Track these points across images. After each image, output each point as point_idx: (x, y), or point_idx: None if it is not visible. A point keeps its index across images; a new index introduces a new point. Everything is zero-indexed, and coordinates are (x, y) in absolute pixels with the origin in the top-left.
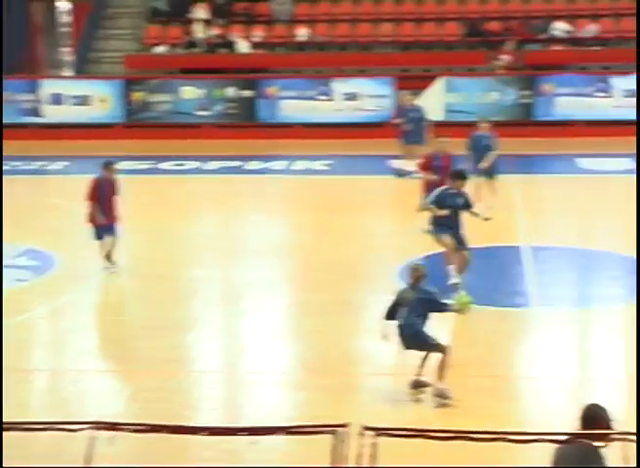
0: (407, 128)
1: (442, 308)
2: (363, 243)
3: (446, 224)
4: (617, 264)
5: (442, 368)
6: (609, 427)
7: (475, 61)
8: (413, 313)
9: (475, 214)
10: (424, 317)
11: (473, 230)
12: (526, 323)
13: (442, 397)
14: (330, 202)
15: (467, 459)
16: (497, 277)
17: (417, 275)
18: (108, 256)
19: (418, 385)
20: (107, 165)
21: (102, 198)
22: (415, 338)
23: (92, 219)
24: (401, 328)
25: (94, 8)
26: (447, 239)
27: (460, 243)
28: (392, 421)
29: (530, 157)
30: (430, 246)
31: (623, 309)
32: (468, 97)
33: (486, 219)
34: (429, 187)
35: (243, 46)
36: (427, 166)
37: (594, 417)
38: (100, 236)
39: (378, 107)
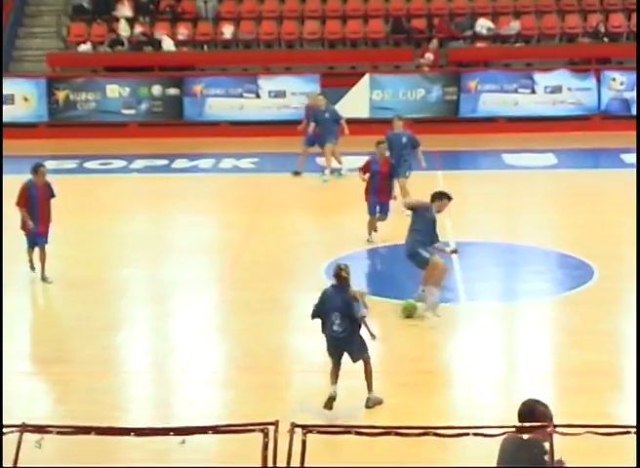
0: (319, 129)
1: (357, 315)
2: (290, 240)
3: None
4: (541, 259)
5: (369, 377)
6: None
7: (400, 59)
8: (345, 317)
9: None
10: (355, 320)
11: (400, 226)
12: (454, 318)
13: (377, 404)
14: (257, 200)
15: (396, 455)
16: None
17: (342, 275)
18: (42, 267)
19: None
20: (36, 169)
21: (33, 203)
22: (348, 343)
23: (23, 226)
24: (335, 332)
25: (16, 5)
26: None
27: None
28: (322, 418)
29: (456, 153)
30: (356, 243)
31: (549, 303)
32: (394, 94)
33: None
34: (371, 191)
35: (168, 44)
36: (366, 169)
37: (534, 412)
38: (32, 243)
39: (304, 104)
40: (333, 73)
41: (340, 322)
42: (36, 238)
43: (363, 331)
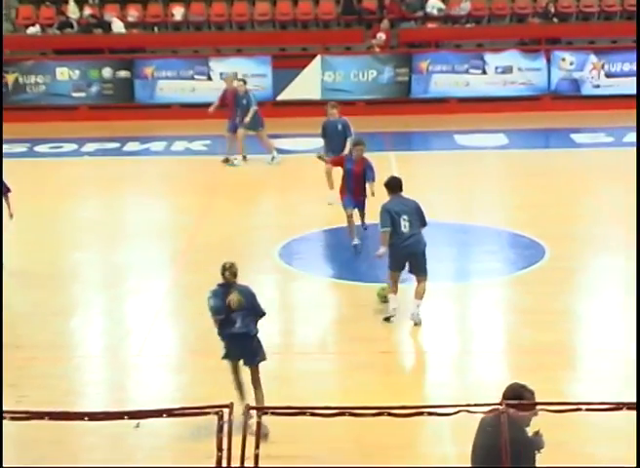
0: (238, 114)
1: (259, 312)
2: (244, 223)
3: None
4: (494, 239)
5: (260, 401)
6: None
7: (352, 40)
8: (246, 317)
9: None
10: (255, 321)
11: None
12: (408, 298)
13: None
14: (210, 183)
15: (352, 435)
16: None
17: (233, 271)
18: None
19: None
20: None
21: None
22: (249, 348)
23: None
24: (234, 335)
25: None
26: None
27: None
28: (277, 400)
29: (408, 134)
30: (310, 225)
31: (501, 283)
32: (345, 75)
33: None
34: (347, 191)
35: (118, 26)
36: (337, 163)
37: (521, 398)
38: None
39: (256, 86)
40: (284, 55)
41: (242, 322)
42: None
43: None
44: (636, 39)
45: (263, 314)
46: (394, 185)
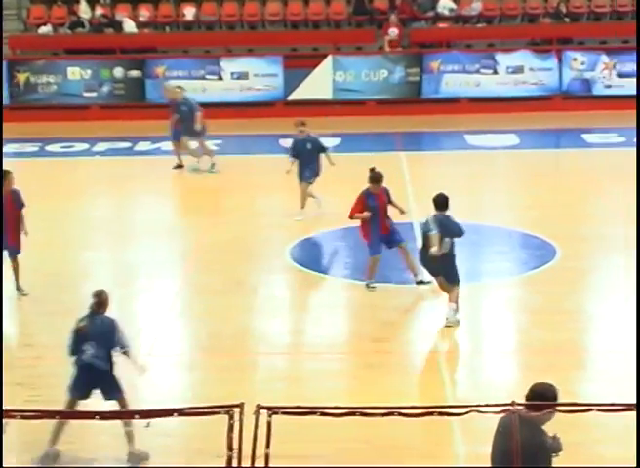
0: (180, 122)
1: (119, 346)
2: (254, 223)
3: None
4: (505, 239)
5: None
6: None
7: (363, 40)
8: (100, 348)
9: None
10: (110, 354)
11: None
12: (419, 299)
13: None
14: (222, 182)
15: (363, 435)
16: (389, 254)
17: (99, 301)
18: (15, 278)
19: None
20: (4, 175)
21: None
22: (101, 379)
23: None
24: (85, 365)
25: None
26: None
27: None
28: (287, 399)
29: (418, 134)
30: (320, 225)
31: (512, 283)
32: (356, 75)
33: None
34: (372, 229)
35: (129, 26)
36: (362, 207)
37: (545, 396)
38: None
39: (267, 86)
40: (295, 55)
41: (96, 352)
42: (6, 248)
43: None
44: (636, 39)
45: (124, 348)
46: (440, 202)
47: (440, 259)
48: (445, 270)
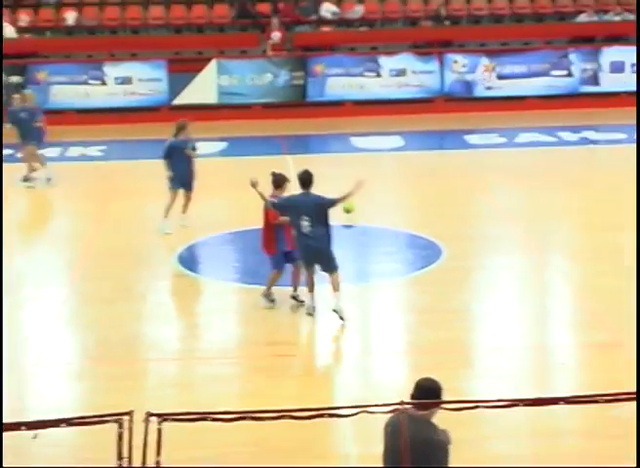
0: (16, 130)
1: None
2: (141, 229)
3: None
4: (391, 240)
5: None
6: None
7: (247, 44)
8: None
9: None
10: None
11: (253, 213)
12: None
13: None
14: (106, 188)
15: (254, 438)
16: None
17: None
18: None
19: None
20: None
21: None
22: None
23: None
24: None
25: None
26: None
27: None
28: (178, 406)
29: (305, 137)
30: (207, 229)
31: (399, 283)
32: (241, 79)
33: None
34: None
35: (9, 31)
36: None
37: (432, 390)
38: None
39: (152, 91)
40: (179, 59)
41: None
42: None
43: None
44: (636, 38)
45: None
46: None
47: (316, 249)
48: (321, 259)
